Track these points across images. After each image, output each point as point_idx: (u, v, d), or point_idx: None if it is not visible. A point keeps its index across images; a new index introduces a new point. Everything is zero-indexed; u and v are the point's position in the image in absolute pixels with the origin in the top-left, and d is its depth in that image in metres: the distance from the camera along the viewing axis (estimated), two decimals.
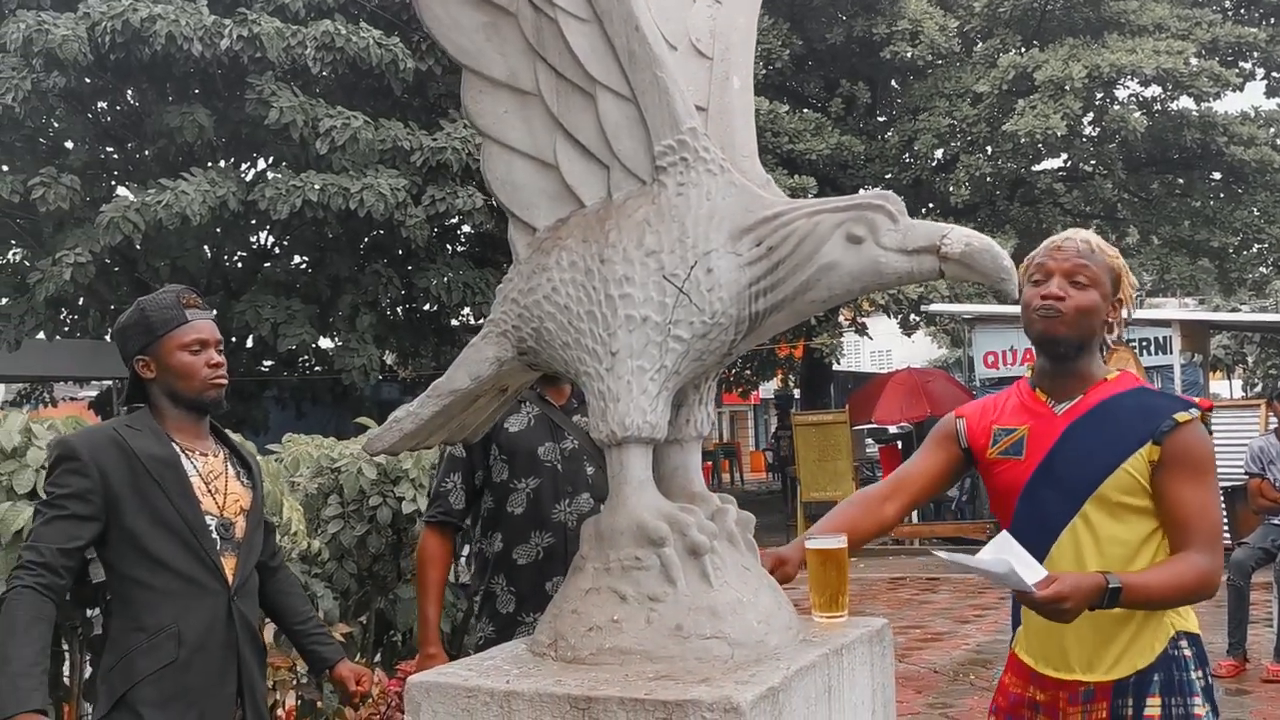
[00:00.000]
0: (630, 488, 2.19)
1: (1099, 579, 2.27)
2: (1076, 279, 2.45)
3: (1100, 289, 2.47)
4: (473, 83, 2.31)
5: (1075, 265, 2.46)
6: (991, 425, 2.61)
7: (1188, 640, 2.46)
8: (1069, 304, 2.44)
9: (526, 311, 2.29)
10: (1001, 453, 2.57)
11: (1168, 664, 2.42)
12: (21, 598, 2.46)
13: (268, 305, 14.26)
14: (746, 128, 2.42)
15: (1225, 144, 16.97)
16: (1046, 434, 2.51)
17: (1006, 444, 2.56)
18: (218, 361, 2.76)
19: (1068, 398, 2.52)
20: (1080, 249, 2.48)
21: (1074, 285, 2.45)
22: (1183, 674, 2.42)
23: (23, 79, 12.79)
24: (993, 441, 2.59)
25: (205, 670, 2.63)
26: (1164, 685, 2.40)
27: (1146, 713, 2.39)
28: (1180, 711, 2.39)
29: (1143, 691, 2.40)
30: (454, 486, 3.28)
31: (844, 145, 17.04)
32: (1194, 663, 2.44)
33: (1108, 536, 2.44)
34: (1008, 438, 2.56)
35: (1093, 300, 2.45)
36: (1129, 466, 2.41)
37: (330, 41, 13.27)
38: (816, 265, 2.10)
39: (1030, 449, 2.52)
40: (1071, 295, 2.45)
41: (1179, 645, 2.44)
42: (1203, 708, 2.42)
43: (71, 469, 2.58)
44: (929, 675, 7.48)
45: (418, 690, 2.10)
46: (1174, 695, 2.40)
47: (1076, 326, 2.46)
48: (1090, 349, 2.51)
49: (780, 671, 1.98)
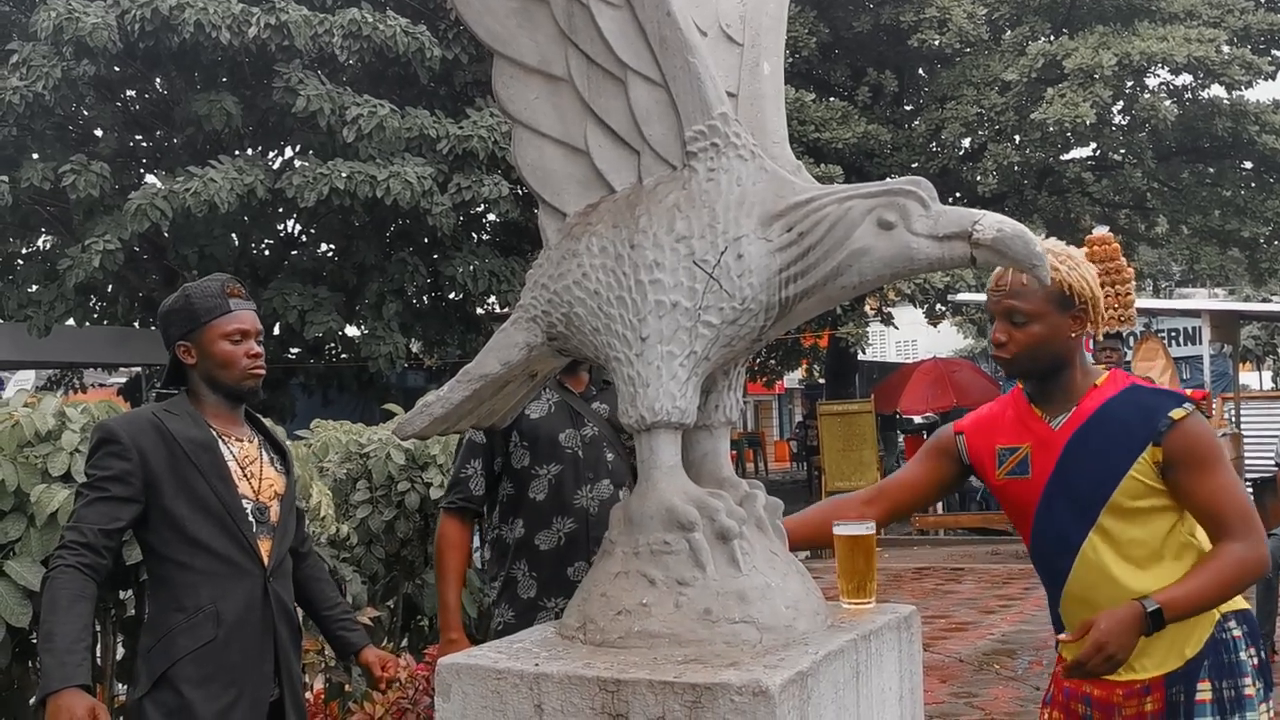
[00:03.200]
0: (660, 472, 2.20)
1: (1135, 608, 2.27)
2: (1013, 319, 2.47)
3: (1043, 320, 2.46)
4: (504, 68, 2.32)
5: (1007, 306, 2.48)
6: (995, 445, 2.62)
7: (1236, 620, 2.46)
8: (1011, 348, 2.48)
9: (556, 297, 2.29)
10: (1008, 473, 2.58)
11: (1216, 648, 2.42)
12: (64, 576, 2.50)
13: (295, 293, 14.33)
14: (777, 113, 2.41)
15: (1257, 133, 16.78)
16: (1049, 450, 2.52)
17: (1012, 464, 2.58)
18: (256, 352, 2.80)
19: (1063, 411, 2.52)
20: (1012, 285, 2.47)
21: (1013, 325, 2.48)
22: (1232, 655, 2.42)
23: (53, 67, 12.88)
24: (998, 462, 2.60)
25: (243, 649, 2.67)
26: (1213, 669, 2.41)
27: (1198, 697, 2.39)
28: (1231, 694, 2.40)
29: (1194, 677, 2.40)
30: (474, 473, 3.29)
31: (871, 134, 16.95)
32: (1244, 642, 2.44)
33: (1128, 540, 2.44)
34: (1012, 457, 2.58)
35: (1035, 334, 2.47)
36: (1135, 472, 2.42)
37: (357, 29, 13.31)
38: (847, 251, 2.10)
39: (1036, 467, 2.53)
40: (1013, 336, 2.48)
41: (1226, 627, 2.44)
42: (1253, 686, 2.42)
43: (112, 451, 2.61)
44: (954, 665, 7.46)
45: (448, 672, 2.12)
46: (1224, 678, 2.40)
47: (1031, 361, 2.48)
48: (1066, 368, 2.52)
49: (809, 656, 1.98)
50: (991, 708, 6.35)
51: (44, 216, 15.39)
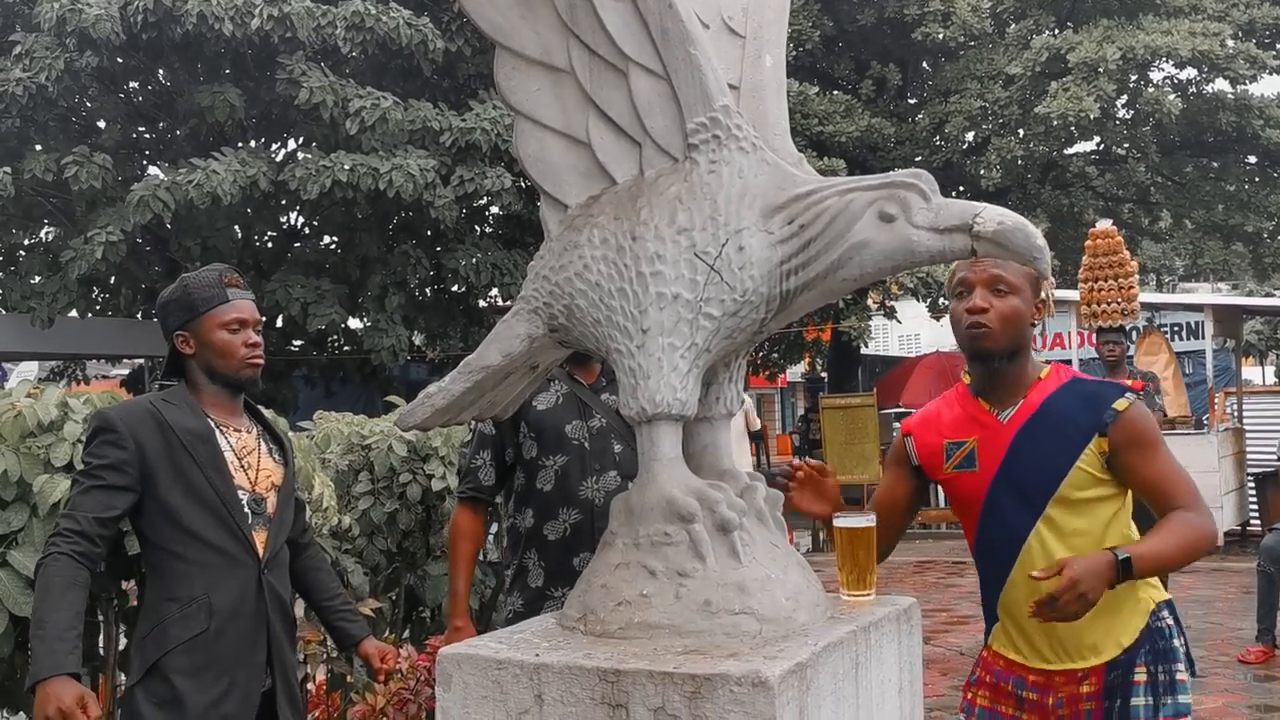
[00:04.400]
0: (660, 464, 2.20)
1: (1107, 555, 2.33)
2: (997, 288, 2.50)
3: (1021, 294, 2.52)
4: (506, 60, 2.32)
5: (993, 275, 2.50)
6: (942, 440, 2.65)
7: (1168, 609, 2.56)
8: (993, 315, 2.50)
9: (558, 288, 2.30)
10: (955, 467, 2.61)
11: (1151, 636, 2.51)
12: (58, 563, 2.50)
13: (297, 285, 14.32)
14: (779, 106, 2.41)
15: (1261, 127, 16.73)
16: (996, 444, 2.55)
17: (959, 457, 2.61)
18: (255, 341, 2.80)
19: (1011, 403, 2.56)
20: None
21: (995, 295, 2.51)
22: (1166, 642, 2.52)
23: (56, 58, 12.87)
24: (946, 456, 2.63)
25: (236, 640, 2.67)
26: (1149, 654, 2.50)
27: (1135, 679, 2.48)
28: (1165, 678, 2.49)
29: (1131, 662, 2.49)
30: (484, 463, 3.33)
31: (874, 127, 16.92)
32: (1175, 630, 2.54)
33: (1072, 530, 2.50)
34: (959, 451, 2.61)
35: (1015, 307, 2.51)
36: (1082, 464, 2.48)
37: (360, 21, 13.29)
38: (848, 243, 2.10)
39: (983, 460, 2.57)
40: (994, 305, 2.51)
41: (1160, 616, 2.53)
42: (1185, 673, 2.53)
43: (108, 440, 2.62)
44: (954, 658, 7.47)
45: (448, 662, 2.12)
46: (1159, 662, 2.50)
47: (1004, 335, 2.51)
48: (1023, 353, 2.57)
49: (808, 647, 1.99)
50: None
51: (47, 208, 15.39)
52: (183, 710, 2.57)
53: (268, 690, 2.76)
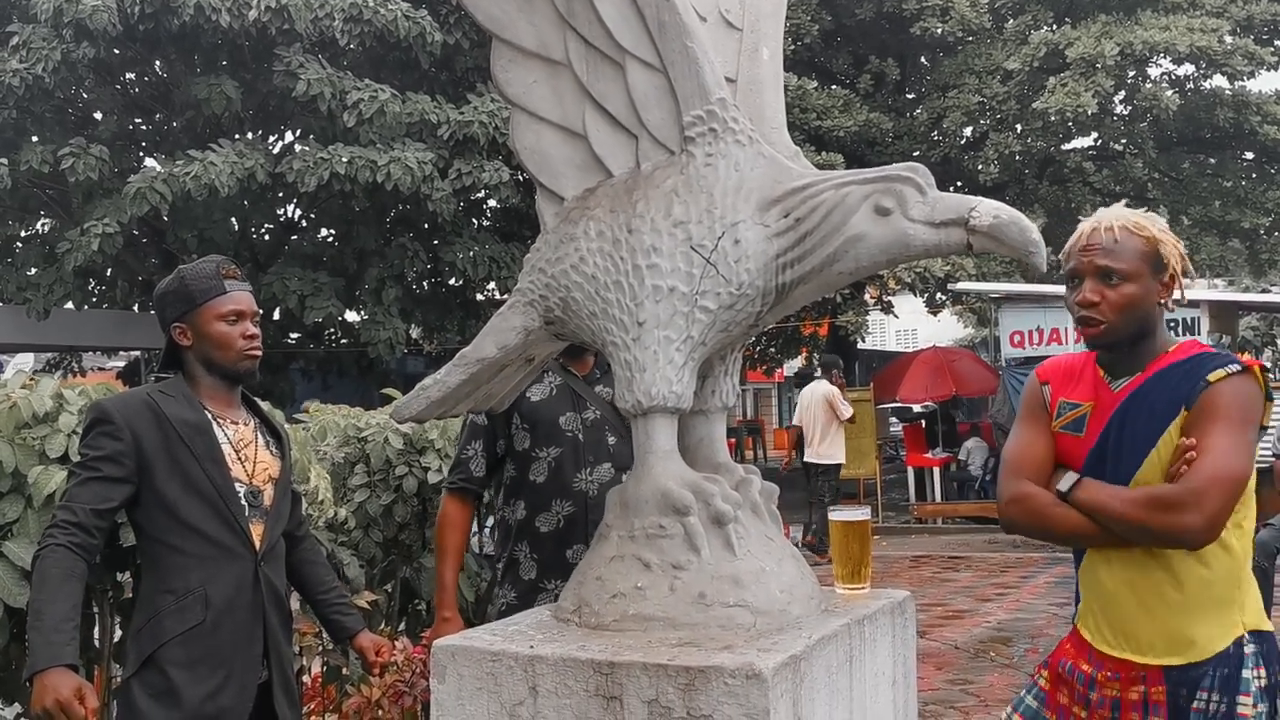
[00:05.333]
0: (655, 457, 2.21)
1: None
2: (1108, 277, 2.36)
3: (1138, 280, 2.36)
4: (502, 52, 2.32)
5: (1102, 265, 2.37)
6: (1060, 398, 2.53)
7: (1255, 639, 2.35)
8: (1104, 307, 2.36)
9: (554, 281, 2.30)
10: (1063, 428, 2.50)
11: (1223, 661, 2.31)
12: (55, 555, 2.50)
13: (294, 277, 14.32)
14: (776, 99, 2.41)
15: (1258, 124, 16.75)
16: (1103, 412, 2.44)
17: (1069, 419, 2.49)
18: (253, 333, 2.79)
19: (1127, 374, 2.44)
20: (1105, 242, 2.38)
21: (1107, 285, 2.36)
22: (1235, 670, 2.31)
23: (52, 49, 12.85)
24: (1058, 414, 2.52)
25: (232, 633, 2.67)
26: (1214, 680, 2.31)
27: (1195, 705, 2.30)
28: (1223, 709, 2.28)
29: (1196, 684, 2.32)
30: (475, 454, 3.32)
31: (872, 122, 16.93)
32: (1253, 660, 2.32)
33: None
34: (1071, 412, 2.49)
35: (1129, 294, 2.36)
36: (1161, 444, 2.33)
37: (358, 14, 13.27)
38: (844, 237, 2.10)
39: (1090, 427, 2.45)
40: (1106, 296, 2.36)
41: (1241, 643, 2.33)
42: (1252, 707, 2.28)
43: (105, 432, 2.61)
44: (950, 652, 7.48)
45: (443, 654, 2.12)
46: (1221, 691, 2.30)
47: (1121, 327, 2.37)
48: (1147, 334, 2.42)
49: (802, 640, 1.99)
50: (987, 695, 6.37)
51: (43, 199, 15.37)
52: (178, 702, 2.57)
53: (264, 683, 2.76)
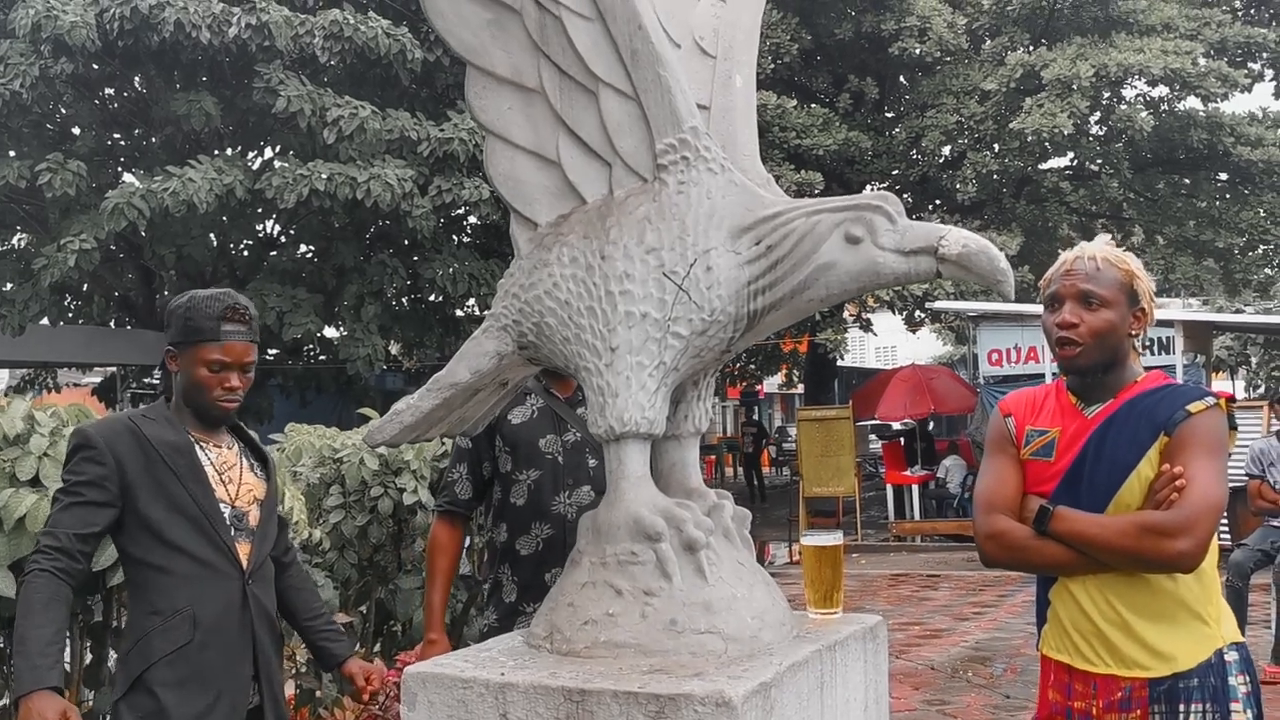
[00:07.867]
0: (627, 483, 2.21)
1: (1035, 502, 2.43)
2: (1089, 301, 2.45)
3: (1115, 307, 2.45)
4: (477, 79, 2.33)
5: (1084, 289, 2.45)
6: (1026, 426, 2.59)
7: (1234, 649, 2.43)
8: (1083, 329, 2.44)
9: (527, 306, 2.30)
10: (1033, 454, 2.56)
11: (1208, 671, 2.38)
12: (39, 580, 2.50)
13: (273, 294, 14.28)
14: (748, 127, 2.43)
15: (1232, 145, 16.94)
16: (1076, 437, 2.50)
17: (1038, 445, 2.55)
18: (233, 385, 2.75)
19: (1099, 401, 2.51)
20: (1088, 269, 2.46)
21: (1086, 309, 2.45)
22: (1221, 680, 2.38)
23: (31, 65, 12.81)
24: (1025, 441, 2.58)
25: (221, 652, 2.65)
26: (1202, 690, 2.37)
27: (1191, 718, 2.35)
28: (1216, 718, 2.35)
29: (1180, 697, 2.36)
30: (460, 477, 3.33)
31: (851, 141, 17.02)
32: (1236, 668, 2.40)
33: None
34: (1040, 439, 2.55)
35: (1107, 319, 2.45)
36: (1143, 467, 2.39)
37: (339, 31, 13.27)
38: (814, 265, 2.12)
39: (1060, 451, 2.51)
40: (1085, 320, 2.45)
41: (1223, 654, 2.40)
42: (1243, 714, 2.37)
43: (88, 457, 2.61)
44: (926, 672, 7.49)
45: (414, 680, 2.12)
46: (1214, 701, 2.36)
47: (1096, 350, 2.45)
48: (1118, 364, 2.50)
49: (773, 667, 2.00)
50: (963, 715, 6.38)
51: (19, 215, 15.29)
52: None
53: (255, 706, 2.74)
